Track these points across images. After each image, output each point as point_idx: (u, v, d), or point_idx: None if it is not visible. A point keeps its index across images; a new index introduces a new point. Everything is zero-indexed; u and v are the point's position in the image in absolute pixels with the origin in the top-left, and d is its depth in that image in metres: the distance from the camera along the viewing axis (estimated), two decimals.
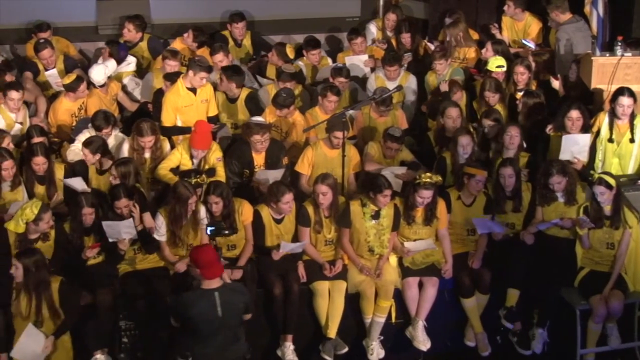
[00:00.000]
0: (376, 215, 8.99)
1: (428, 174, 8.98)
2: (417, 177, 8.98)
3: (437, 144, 10.24)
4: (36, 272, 8.01)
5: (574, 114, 9.61)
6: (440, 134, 10.17)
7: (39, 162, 9.31)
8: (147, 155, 9.76)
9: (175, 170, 9.61)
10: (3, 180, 9.17)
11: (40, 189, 9.41)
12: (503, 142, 9.71)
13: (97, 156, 9.47)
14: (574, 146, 9.56)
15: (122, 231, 8.63)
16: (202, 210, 8.90)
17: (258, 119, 9.97)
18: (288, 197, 8.89)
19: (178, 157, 9.71)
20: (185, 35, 11.78)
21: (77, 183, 9.40)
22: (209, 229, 7.80)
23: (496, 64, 10.79)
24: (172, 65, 10.91)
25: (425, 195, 8.94)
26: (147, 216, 8.89)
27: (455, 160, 9.74)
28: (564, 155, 9.53)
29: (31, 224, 8.51)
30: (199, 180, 9.07)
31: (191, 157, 9.70)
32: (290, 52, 11.66)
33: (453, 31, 11.56)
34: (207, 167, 9.66)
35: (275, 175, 9.58)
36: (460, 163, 9.60)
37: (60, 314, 8.19)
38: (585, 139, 9.62)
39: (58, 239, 8.72)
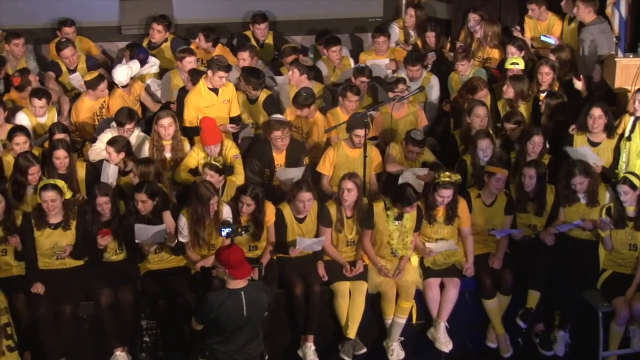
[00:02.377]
0: (399, 217, 8.98)
1: (447, 173, 8.97)
2: (437, 176, 8.96)
3: (463, 143, 10.19)
4: None
5: (596, 111, 9.58)
6: (467, 134, 10.11)
7: (60, 156, 9.33)
8: (167, 155, 9.78)
9: (194, 172, 9.62)
10: (28, 184, 9.22)
11: (61, 183, 9.42)
12: (526, 149, 9.67)
13: (121, 155, 9.49)
14: (582, 158, 9.51)
15: (152, 235, 8.65)
16: (226, 210, 8.90)
17: (278, 116, 9.98)
18: (305, 195, 8.90)
19: (195, 158, 9.74)
20: (197, 40, 11.78)
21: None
22: (225, 230, 7.75)
23: (511, 61, 10.76)
24: (189, 62, 10.93)
25: (445, 194, 8.92)
26: (167, 215, 8.91)
27: (475, 162, 9.71)
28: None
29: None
30: (214, 161, 9.13)
31: (207, 156, 9.71)
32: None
33: (488, 27, 11.49)
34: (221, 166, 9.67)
35: (296, 173, 9.58)
36: (481, 165, 9.57)
37: None
38: (588, 150, 9.58)
39: (79, 227, 8.78)
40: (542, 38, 11.56)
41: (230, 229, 7.72)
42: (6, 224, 8.69)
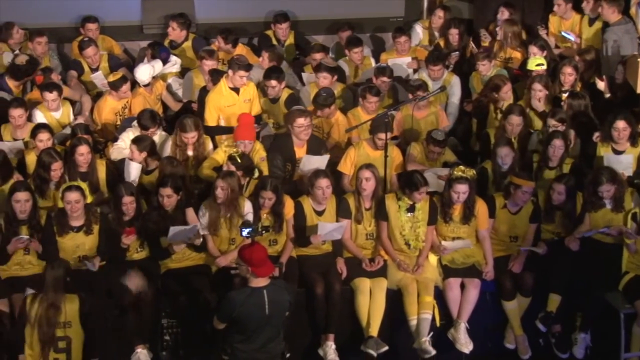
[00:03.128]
0: (411, 209, 8.99)
1: (461, 167, 8.97)
2: (450, 172, 8.95)
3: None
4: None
5: (620, 124, 9.53)
6: (501, 134, 10.03)
7: (83, 152, 9.37)
8: (190, 153, 9.81)
9: (219, 170, 9.65)
10: (50, 180, 9.26)
11: (84, 185, 9.47)
12: (547, 152, 9.64)
13: (144, 154, 9.53)
14: (617, 164, 9.46)
15: (186, 236, 8.69)
16: (247, 205, 8.92)
17: (299, 107, 9.99)
18: (323, 181, 8.93)
19: (222, 156, 9.75)
20: (216, 42, 11.80)
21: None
22: (245, 230, 7.72)
23: (536, 62, 10.72)
24: (209, 65, 10.95)
25: (460, 189, 8.90)
26: (190, 211, 8.94)
27: (495, 170, 9.68)
28: None
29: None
30: (236, 155, 9.20)
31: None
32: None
33: (507, 28, 11.46)
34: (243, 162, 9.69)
35: (320, 162, 9.62)
36: (502, 172, 9.54)
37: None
38: (628, 158, 9.55)
39: (102, 229, 8.81)
40: (562, 33, 11.52)
41: (250, 229, 7.70)
42: (32, 222, 8.73)
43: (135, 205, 8.85)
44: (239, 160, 9.27)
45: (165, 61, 11.29)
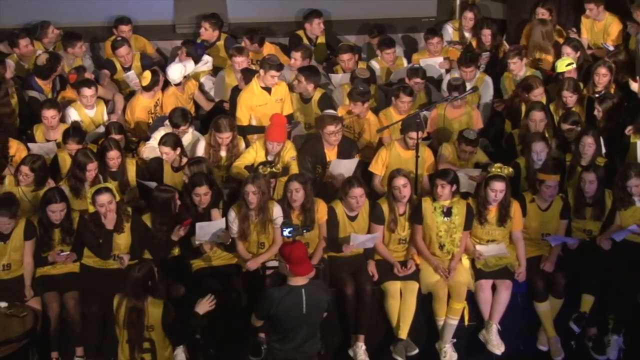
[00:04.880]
0: (448, 213, 8.96)
1: (498, 164, 8.94)
2: (488, 170, 8.91)
3: (521, 143, 10.10)
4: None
5: None
6: (525, 134, 10.00)
7: (113, 157, 9.42)
8: (223, 153, 9.83)
9: (250, 168, 9.66)
10: (85, 180, 9.31)
11: (113, 185, 9.51)
12: (579, 150, 9.58)
13: (178, 150, 9.56)
14: None
15: (212, 233, 8.70)
16: (276, 209, 8.92)
17: (331, 111, 10.00)
18: (357, 191, 8.90)
19: (253, 155, 9.78)
20: (242, 44, 11.82)
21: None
22: (287, 230, 7.70)
23: (565, 63, 10.66)
24: (239, 62, 10.96)
25: (498, 187, 8.86)
26: (215, 212, 8.97)
27: (529, 165, 9.63)
28: None
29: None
30: (274, 169, 9.14)
31: (266, 154, 9.74)
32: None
33: (540, 28, 11.40)
34: (280, 164, 9.69)
35: (349, 166, 9.60)
36: (535, 169, 9.49)
37: None
38: None
39: (134, 229, 8.83)
40: (603, 45, 11.45)
41: (292, 228, 7.69)
42: (64, 226, 8.78)
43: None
44: (274, 170, 9.27)
45: (199, 59, 11.31)
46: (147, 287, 7.73)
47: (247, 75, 10.66)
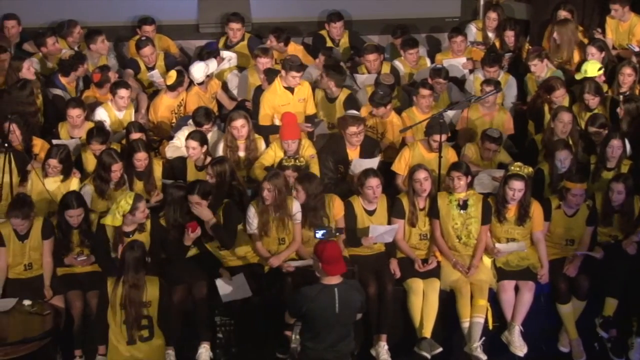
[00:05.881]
0: (464, 206, 8.96)
1: (518, 163, 8.92)
2: (507, 168, 8.88)
3: (544, 148, 10.07)
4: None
5: None
6: (550, 139, 9.96)
7: (141, 158, 9.44)
8: (241, 154, 9.84)
9: (270, 169, 9.66)
10: (110, 180, 9.34)
11: (139, 185, 9.56)
12: (605, 153, 9.53)
13: (204, 147, 9.59)
14: None
15: (237, 291, 8.74)
16: (295, 205, 8.93)
17: (353, 112, 9.99)
18: (373, 181, 8.91)
19: (272, 155, 9.80)
20: (268, 42, 11.84)
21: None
22: (320, 232, 7.72)
23: (596, 67, 10.59)
24: (264, 63, 10.97)
25: (516, 186, 8.83)
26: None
27: (552, 172, 9.60)
28: None
29: (128, 215, 8.63)
30: (297, 162, 9.18)
31: (285, 154, 9.75)
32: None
33: (561, 29, 11.35)
34: (303, 165, 9.69)
35: (370, 165, 9.58)
36: (559, 174, 9.46)
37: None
38: None
39: (154, 229, 8.83)
40: (629, 46, 11.40)
41: (325, 231, 7.71)
42: (82, 228, 8.81)
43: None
44: (297, 163, 9.28)
45: (213, 54, 11.30)
46: (145, 263, 8.06)
47: (270, 75, 10.67)
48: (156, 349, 8.21)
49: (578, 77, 10.69)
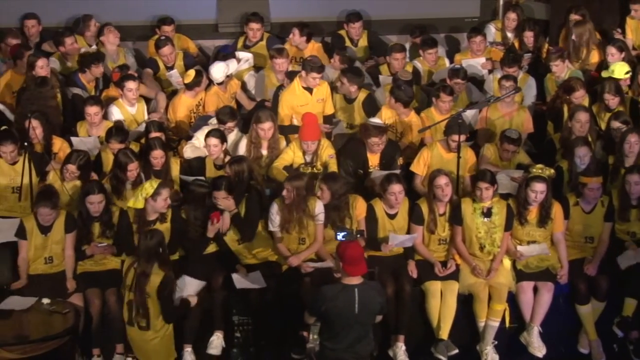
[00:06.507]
0: (488, 213, 8.92)
1: (540, 165, 8.90)
2: (530, 170, 8.86)
3: (562, 147, 10.04)
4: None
5: None
6: (567, 138, 9.93)
7: (157, 156, 9.46)
8: (264, 151, 9.85)
9: (289, 169, 9.67)
10: (126, 179, 9.36)
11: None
12: (623, 150, 9.50)
13: (224, 146, 9.61)
14: None
15: (252, 283, 8.75)
16: (318, 206, 8.92)
17: (376, 120, 9.96)
18: (396, 187, 8.90)
19: (291, 155, 9.80)
20: (291, 36, 11.83)
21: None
22: (340, 234, 7.69)
23: (624, 70, 10.53)
24: (279, 64, 10.97)
25: (538, 188, 8.80)
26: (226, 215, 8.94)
27: (572, 169, 9.56)
28: None
29: (150, 200, 8.65)
30: (314, 170, 9.16)
31: (304, 154, 9.76)
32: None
33: (578, 30, 11.31)
34: (319, 163, 9.69)
35: None
36: (577, 172, 9.43)
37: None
38: None
39: (174, 221, 8.85)
40: None
41: (346, 232, 7.70)
42: (103, 219, 8.85)
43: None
44: (314, 170, 9.30)
45: (229, 57, 11.32)
46: (158, 254, 8.09)
47: (292, 75, 10.68)
48: (149, 342, 8.25)
49: (604, 74, 10.63)
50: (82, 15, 11.92)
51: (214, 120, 10.14)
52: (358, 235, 8.00)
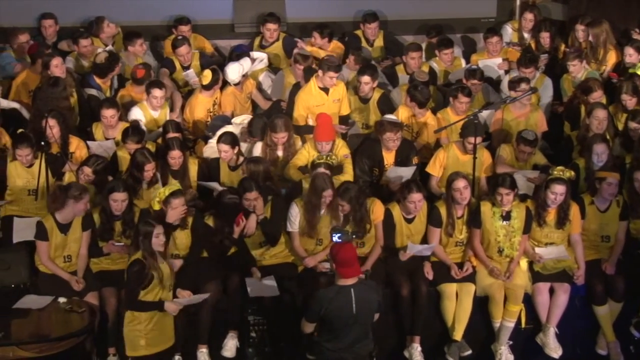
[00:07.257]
0: (507, 217, 8.90)
1: (560, 167, 8.88)
2: (550, 172, 8.83)
3: (580, 144, 10.02)
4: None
5: None
6: (585, 136, 9.91)
7: (175, 156, 9.46)
8: (280, 153, 9.85)
9: (304, 169, 9.68)
10: (143, 179, 9.37)
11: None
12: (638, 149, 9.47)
13: (236, 149, 9.59)
14: None
15: (265, 290, 8.75)
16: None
17: (391, 117, 9.95)
18: (415, 196, 8.87)
19: (306, 155, 9.80)
20: (312, 39, 11.85)
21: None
22: (336, 235, 7.73)
23: None
24: (301, 69, 10.98)
25: (558, 190, 8.78)
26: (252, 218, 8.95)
27: (589, 167, 9.53)
28: None
29: (163, 206, 8.63)
30: (328, 160, 9.21)
31: (319, 153, 9.74)
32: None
33: (595, 30, 11.27)
34: (335, 163, 9.69)
35: (406, 173, 9.55)
36: (594, 170, 9.40)
37: None
38: None
39: (195, 227, 8.82)
40: None
41: (341, 234, 7.72)
42: (125, 218, 8.85)
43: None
44: (329, 161, 9.29)
45: (243, 56, 11.32)
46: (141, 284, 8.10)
47: (308, 75, 10.68)
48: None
49: (632, 71, 10.59)
50: (95, 18, 11.95)
51: (237, 120, 10.15)
52: (354, 236, 8.02)
